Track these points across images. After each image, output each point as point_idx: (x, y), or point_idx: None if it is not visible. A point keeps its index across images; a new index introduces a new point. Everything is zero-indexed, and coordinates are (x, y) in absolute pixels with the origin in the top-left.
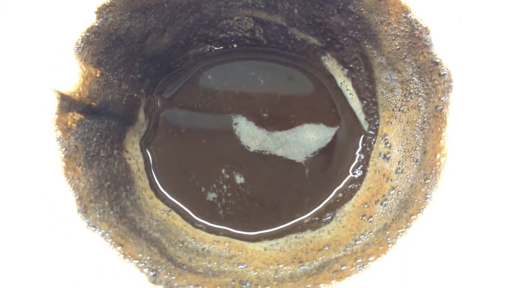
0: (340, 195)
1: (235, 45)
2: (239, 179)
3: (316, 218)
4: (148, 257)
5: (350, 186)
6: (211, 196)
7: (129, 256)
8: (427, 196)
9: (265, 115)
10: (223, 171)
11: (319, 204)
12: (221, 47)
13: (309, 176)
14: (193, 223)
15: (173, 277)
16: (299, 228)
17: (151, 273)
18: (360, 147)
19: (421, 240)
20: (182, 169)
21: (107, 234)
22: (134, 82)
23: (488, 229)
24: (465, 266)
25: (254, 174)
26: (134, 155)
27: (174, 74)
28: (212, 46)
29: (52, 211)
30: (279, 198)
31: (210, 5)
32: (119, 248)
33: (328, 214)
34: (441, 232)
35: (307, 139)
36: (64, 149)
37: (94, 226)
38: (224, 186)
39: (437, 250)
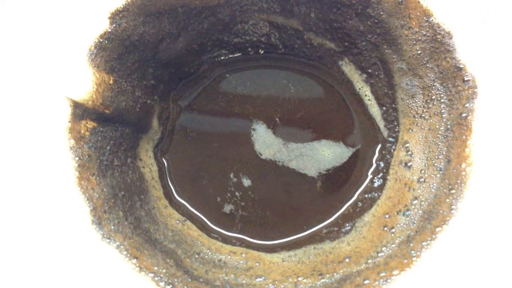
0: (360, 204)
1: (250, 50)
2: (248, 183)
3: (335, 229)
4: (164, 270)
5: (369, 195)
6: (225, 203)
7: (145, 269)
8: (452, 207)
9: (283, 125)
10: (233, 176)
11: (332, 216)
12: (238, 54)
13: (321, 188)
14: (208, 233)
15: None
16: (317, 238)
17: (168, 287)
18: (379, 154)
19: (448, 253)
20: (196, 176)
21: (122, 246)
22: (148, 88)
23: None
24: (495, 280)
25: (265, 182)
26: (148, 164)
27: (190, 81)
28: (226, 51)
29: (65, 224)
30: (293, 207)
31: (225, 10)
32: (134, 260)
33: (347, 224)
34: (469, 245)
35: (322, 155)
36: (77, 158)
37: (108, 238)
38: (237, 193)
39: (466, 264)
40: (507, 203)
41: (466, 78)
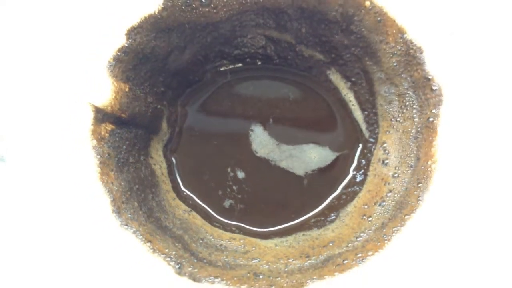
0: (343, 197)
1: (248, 60)
2: (245, 178)
3: (322, 218)
4: (174, 252)
5: (351, 189)
6: (225, 196)
7: (158, 251)
8: (419, 198)
9: (277, 128)
10: (232, 171)
11: (319, 207)
12: (237, 64)
13: (308, 185)
14: (211, 221)
15: (196, 269)
16: (306, 226)
17: (177, 266)
18: (361, 153)
19: (413, 237)
20: (200, 172)
21: (137, 232)
22: (158, 95)
23: (471, 228)
24: (451, 260)
25: (260, 178)
26: (158, 161)
27: (195, 88)
28: (227, 62)
29: (90, 212)
30: (285, 201)
31: (226, 25)
32: (148, 244)
33: (332, 214)
34: (431, 230)
35: (309, 157)
36: (99, 156)
37: (126, 225)
38: (235, 187)
39: (428, 246)
40: (464, 195)
41: (433, 88)
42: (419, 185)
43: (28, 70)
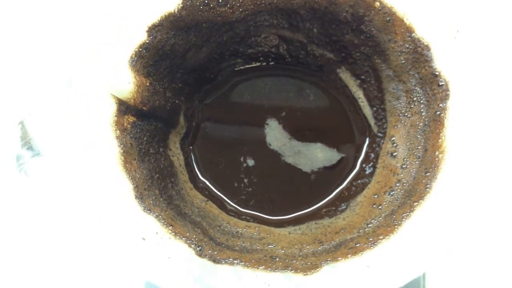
0: (353, 188)
1: (261, 59)
2: (259, 169)
3: (333, 208)
4: (194, 236)
5: (361, 181)
6: (240, 187)
7: (179, 234)
8: (427, 186)
9: (291, 124)
10: (246, 162)
11: (329, 199)
12: (251, 62)
13: (315, 179)
14: (227, 211)
15: (215, 252)
16: (318, 216)
17: (198, 248)
18: (370, 147)
19: (422, 221)
20: (215, 164)
21: (160, 216)
22: (176, 90)
23: (477, 211)
24: (458, 241)
25: (273, 169)
26: (176, 153)
27: (211, 85)
28: (241, 61)
29: (116, 197)
30: (296, 192)
31: (241, 25)
32: (170, 227)
33: (343, 205)
34: (439, 215)
35: (315, 156)
36: (122, 145)
37: (149, 210)
38: (247, 178)
39: (436, 229)
40: (470, 182)
41: (440, 83)
42: (427, 174)
43: (53, 64)
